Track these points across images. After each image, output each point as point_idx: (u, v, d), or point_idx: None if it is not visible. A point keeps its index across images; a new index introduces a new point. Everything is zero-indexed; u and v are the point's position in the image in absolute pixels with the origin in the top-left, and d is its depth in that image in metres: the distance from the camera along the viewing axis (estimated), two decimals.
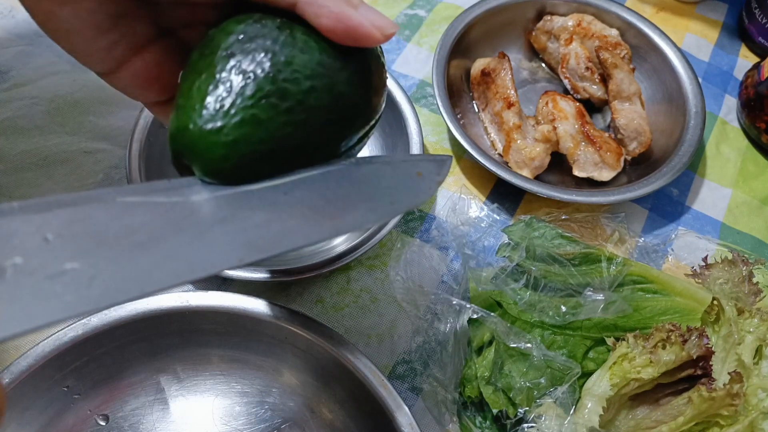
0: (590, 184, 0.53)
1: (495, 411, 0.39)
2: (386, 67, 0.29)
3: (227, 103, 0.23)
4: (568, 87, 0.58)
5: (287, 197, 0.24)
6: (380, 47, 0.28)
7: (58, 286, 0.18)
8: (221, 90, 0.23)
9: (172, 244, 0.20)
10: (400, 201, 0.26)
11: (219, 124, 0.23)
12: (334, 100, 0.25)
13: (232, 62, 0.23)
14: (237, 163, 0.23)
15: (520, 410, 0.38)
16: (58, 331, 0.36)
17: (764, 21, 0.63)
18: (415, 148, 0.48)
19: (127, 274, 0.19)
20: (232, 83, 0.23)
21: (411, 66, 0.61)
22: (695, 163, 0.57)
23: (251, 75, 0.23)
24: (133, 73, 0.28)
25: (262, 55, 0.23)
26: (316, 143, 0.25)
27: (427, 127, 0.57)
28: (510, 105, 0.53)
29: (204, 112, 0.23)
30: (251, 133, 0.23)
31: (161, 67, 0.28)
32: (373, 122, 0.28)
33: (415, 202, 0.27)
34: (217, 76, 0.23)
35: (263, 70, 0.23)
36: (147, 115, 0.48)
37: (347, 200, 0.25)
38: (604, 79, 0.56)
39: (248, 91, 0.23)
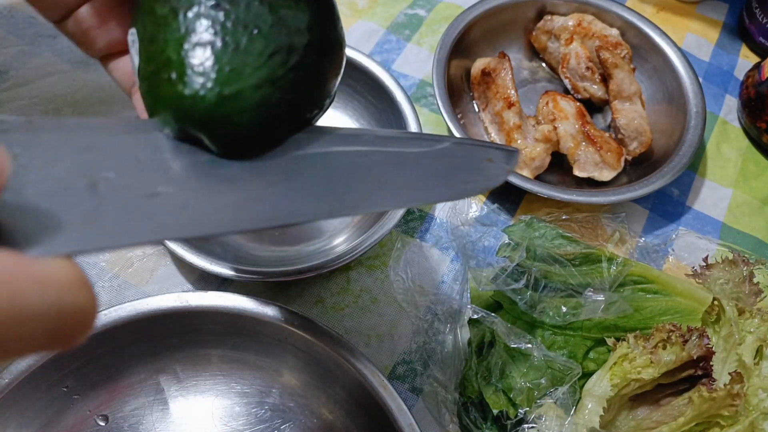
0: (591, 184, 0.53)
1: (495, 411, 0.38)
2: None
3: (238, 62, 0.20)
4: (569, 87, 0.58)
5: (362, 163, 0.23)
6: None
7: (153, 206, 0.17)
8: (225, 48, 0.21)
9: (261, 185, 0.20)
10: (474, 182, 0.25)
11: (236, 87, 0.20)
12: (326, 51, 0.23)
13: (221, 13, 0.21)
14: (259, 130, 0.21)
15: (520, 411, 0.38)
16: None
17: (765, 21, 0.63)
18: None
19: (218, 208, 0.19)
20: (238, 40, 0.21)
21: (411, 66, 0.61)
22: (696, 163, 0.57)
23: (255, 28, 0.21)
24: (82, 20, 0.27)
25: (257, 4, 0.21)
26: (312, 101, 0.24)
27: (427, 127, 0.57)
28: (510, 105, 0.52)
29: (214, 75, 0.20)
30: (270, 95, 0.21)
31: (113, 12, 0.27)
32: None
33: (487, 185, 0.26)
34: (213, 30, 0.21)
35: (266, 22, 0.21)
36: None
37: (424, 174, 0.24)
38: (605, 79, 0.56)
39: (258, 47, 0.21)
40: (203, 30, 0.21)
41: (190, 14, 0.21)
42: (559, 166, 0.53)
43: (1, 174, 0.15)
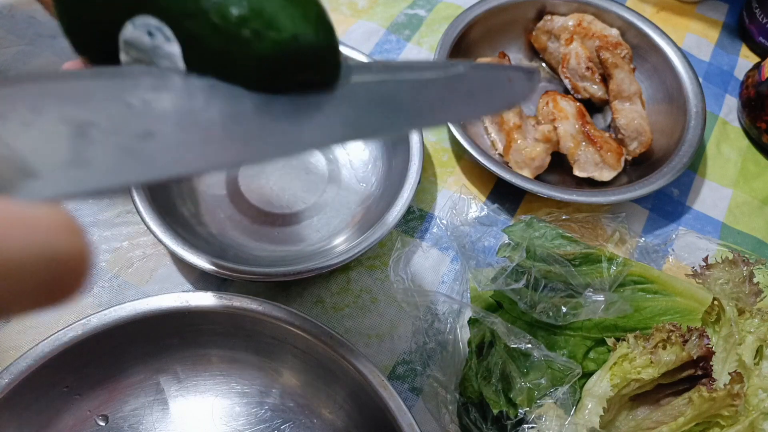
0: (591, 184, 0.53)
1: (495, 411, 0.38)
2: None
3: None
4: (569, 87, 0.58)
5: (393, 93, 0.23)
6: None
7: (148, 148, 0.17)
8: None
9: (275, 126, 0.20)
10: (496, 99, 0.26)
11: (314, 13, 0.21)
12: None
13: None
14: (336, 48, 0.22)
15: (520, 411, 0.38)
16: (58, 332, 0.36)
17: (765, 21, 0.63)
18: (415, 148, 0.48)
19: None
20: None
21: None
22: (696, 163, 0.57)
23: None
24: None
25: None
26: None
27: None
28: None
29: (294, 8, 0.20)
30: (323, 10, 0.22)
31: None
32: None
33: (510, 102, 0.27)
34: None
35: None
36: None
37: (447, 97, 0.25)
38: (605, 79, 0.56)
39: None
40: None
41: None
42: (559, 166, 0.53)
43: None
